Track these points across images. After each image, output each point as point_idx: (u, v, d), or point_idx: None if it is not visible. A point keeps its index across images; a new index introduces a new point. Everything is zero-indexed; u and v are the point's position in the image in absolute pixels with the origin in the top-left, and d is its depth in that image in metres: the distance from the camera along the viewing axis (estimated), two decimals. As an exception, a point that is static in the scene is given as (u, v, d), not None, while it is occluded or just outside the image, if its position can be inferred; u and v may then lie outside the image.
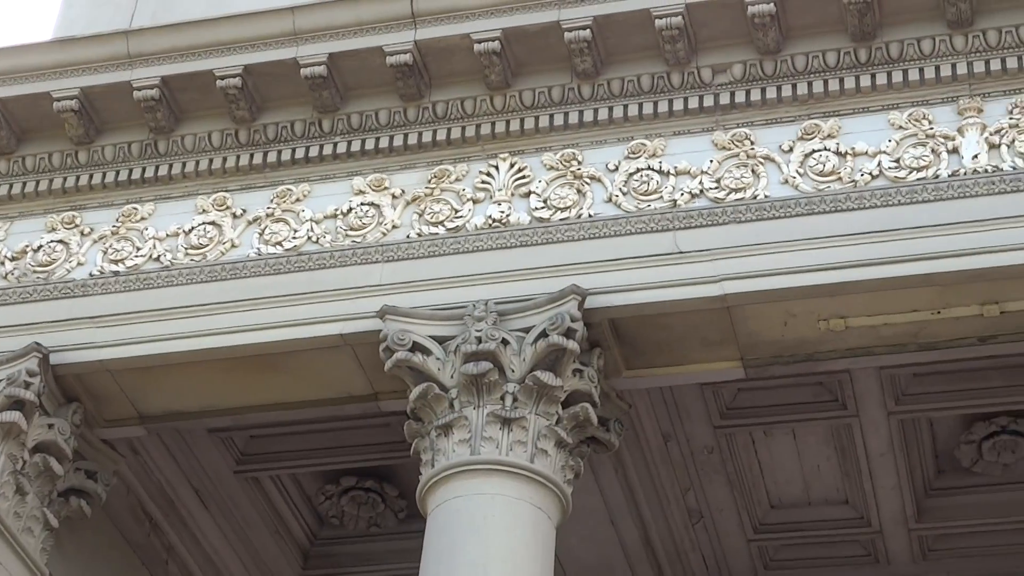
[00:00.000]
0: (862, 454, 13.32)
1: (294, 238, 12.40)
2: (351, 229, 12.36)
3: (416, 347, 11.50)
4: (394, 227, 12.30)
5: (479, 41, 12.31)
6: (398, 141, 12.59)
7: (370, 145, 12.63)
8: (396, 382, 11.74)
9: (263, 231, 12.51)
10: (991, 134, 11.68)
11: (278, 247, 12.39)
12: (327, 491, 14.08)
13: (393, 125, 12.62)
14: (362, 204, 12.46)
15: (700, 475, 13.61)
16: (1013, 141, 11.62)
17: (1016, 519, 13.71)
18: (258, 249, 12.41)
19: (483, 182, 12.30)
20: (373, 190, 12.52)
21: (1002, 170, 11.48)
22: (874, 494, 13.60)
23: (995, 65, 11.87)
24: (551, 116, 12.37)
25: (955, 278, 11.18)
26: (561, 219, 11.97)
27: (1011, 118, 11.71)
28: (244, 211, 12.65)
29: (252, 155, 12.80)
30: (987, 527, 13.84)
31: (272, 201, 12.63)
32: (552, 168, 12.24)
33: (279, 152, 12.76)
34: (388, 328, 11.60)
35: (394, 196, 12.45)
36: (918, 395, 12.96)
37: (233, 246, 12.49)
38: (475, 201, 12.25)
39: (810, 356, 11.82)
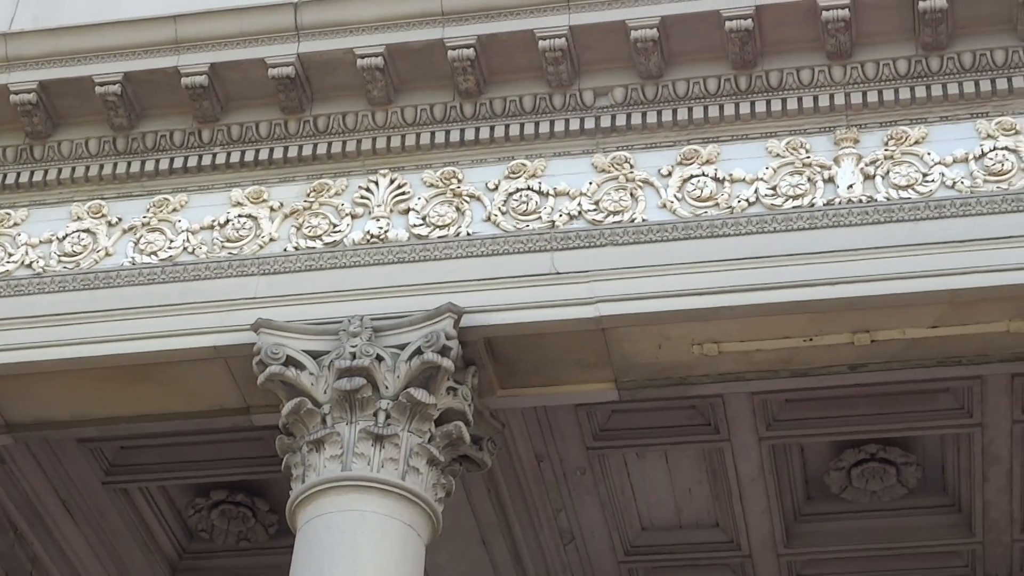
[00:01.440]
0: (733, 478, 13.42)
1: (170, 248, 12.30)
2: (228, 241, 12.28)
3: (290, 361, 11.44)
4: (271, 240, 12.23)
5: (362, 56, 12.28)
6: (278, 154, 12.53)
7: (250, 157, 12.56)
8: (269, 396, 11.67)
9: (138, 240, 12.39)
10: (866, 164, 11.83)
11: (153, 257, 12.27)
12: (197, 504, 13.96)
13: (274, 137, 12.56)
14: (240, 216, 12.39)
15: (572, 496, 13.64)
16: (888, 172, 11.77)
17: (882, 546, 13.87)
18: (133, 258, 12.29)
19: (362, 197, 12.27)
20: (251, 202, 12.45)
21: (876, 200, 11.63)
22: (744, 518, 13.70)
23: (872, 97, 12.02)
24: (432, 133, 12.37)
25: (827, 306, 11.30)
26: (439, 237, 11.97)
27: (886, 149, 11.87)
28: (120, 219, 12.53)
29: (130, 163, 12.68)
30: (854, 553, 13.99)
31: (149, 210, 12.52)
32: (432, 185, 12.24)
33: (157, 161, 12.64)
34: (262, 341, 11.53)
35: (272, 209, 12.39)
36: (789, 421, 13.08)
37: (107, 254, 12.36)
38: (354, 216, 12.22)
39: (683, 380, 11.90)
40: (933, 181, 11.68)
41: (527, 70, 12.29)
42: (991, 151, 11.74)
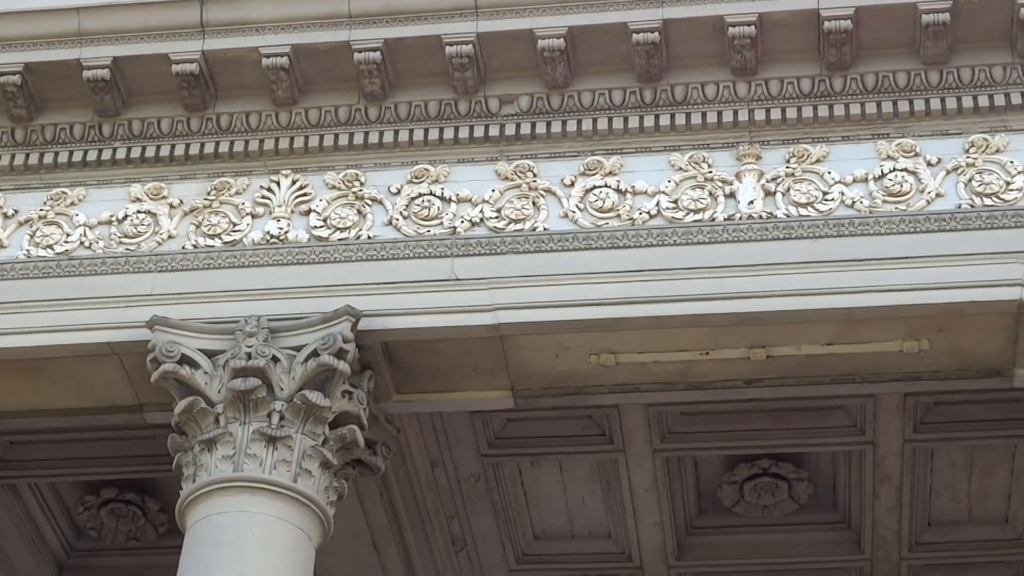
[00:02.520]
0: (627, 489, 13.45)
1: (66, 242, 12.16)
2: (126, 236, 12.16)
3: (184, 360, 11.34)
4: (170, 237, 12.14)
5: (268, 56, 12.22)
6: (179, 150, 12.43)
7: (150, 153, 12.45)
8: (163, 394, 11.57)
9: (34, 233, 12.25)
10: (768, 181, 11.91)
11: (49, 250, 12.13)
12: (86, 502, 13.81)
13: (175, 134, 12.46)
14: (139, 212, 12.28)
15: (466, 503, 13.63)
16: (788, 189, 11.85)
17: (772, 561, 13.95)
18: (27, 251, 12.15)
19: (263, 197, 12.20)
20: (151, 198, 12.34)
21: (776, 217, 11.71)
22: (636, 529, 13.73)
23: (775, 114, 12.11)
24: (336, 135, 12.31)
25: (724, 320, 11.37)
26: (340, 239, 11.91)
27: (788, 167, 11.95)
28: (16, 211, 12.37)
29: (28, 155, 12.53)
30: (745, 567, 14.06)
31: (46, 203, 12.37)
32: (334, 187, 12.19)
33: (56, 154, 12.50)
34: (157, 339, 11.43)
35: (172, 206, 12.28)
36: (684, 434, 13.13)
37: (2, 247, 12.21)
38: (254, 216, 12.14)
39: (580, 390, 11.92)
40: (833, 200, 11.78)
41: (433, 75, 12.28)
42: (891, 172, 11.86)
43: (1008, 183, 11.72)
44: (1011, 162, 11.81)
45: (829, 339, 11.51)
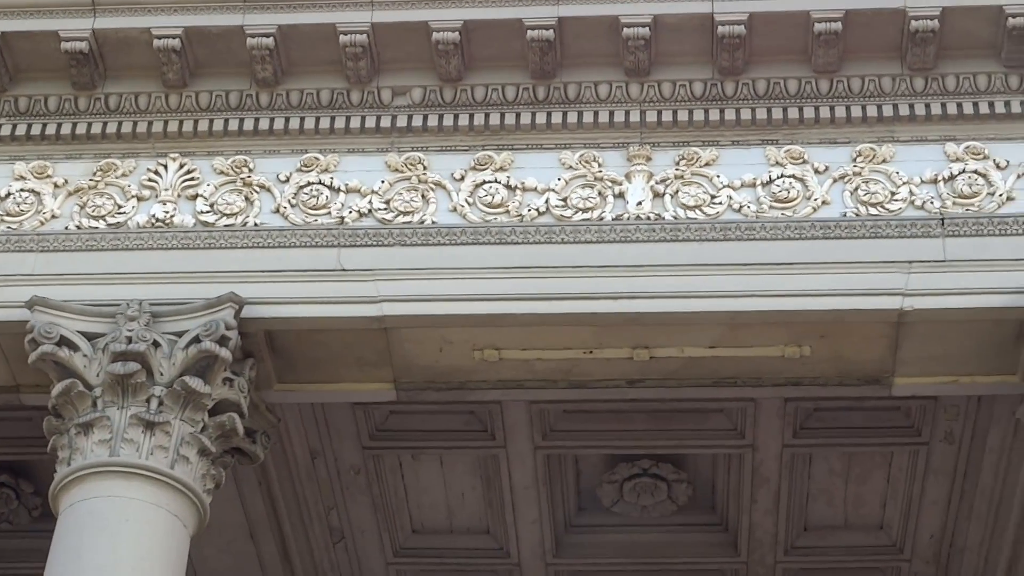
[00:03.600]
0: (507, 486, 13.45)
1: (-55, 219, 12.00)
2: (7, 215, 11.99)
3: (63, 341, 11.20)
4: (53, 217, 11.98)
5: (159, 37, 12.09)
6: (66, 129, 12.27)
7: (36, 130, 12.27)
8: (40, 375, 11.42)
9: (-87, 209, 12.07)
10: (657, 183, 11.95)
11: (-72, 226, 11.97)
12: (-41, 483, 13.64)
13: (62, 112, 12.30)
14: (22, 190, 12.11)
15: (345, 495, 13.57)
16: (677, 192, 11.90)
17: (650, 561, 14.01)
18: (-96, 227, 11.98)
19: (150, 180, 12.08)
20: (35, 177, 12.17)
21: (664, 219, 11.76)
22: (515, 526, 13.74)
23: (667, 116, 12.16)
24: (226, 120, 12.21)
25: (609, 320, 11.39)
26: (226, 225, 11.82)
27: (677, 169, 12.00)
28: None
29: (-88, 130, 12.34)
30: (622, 566, 14.11)
31: (-73, 179, 12.21)
32: (222, 173, 12.09)
33: (-60, 129, 12.33)
34: (36, 320, 11.28)
35: (56, 185, 12.13)
36: (566, 432, 13.15)
37: None
38: (140, 199, 12.02)
39: (463, 384, 11.91)
40: (720, 204, 11.84)
41: (327, 63, 12.20)
42: (778, 178, 11.94)
43: (893, 193, 11.84)
44: (897, 172, 11.93)
45: (712, 342, 11.57)
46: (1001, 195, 11.81)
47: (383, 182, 12.00)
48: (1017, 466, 12.80)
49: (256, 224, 11.81)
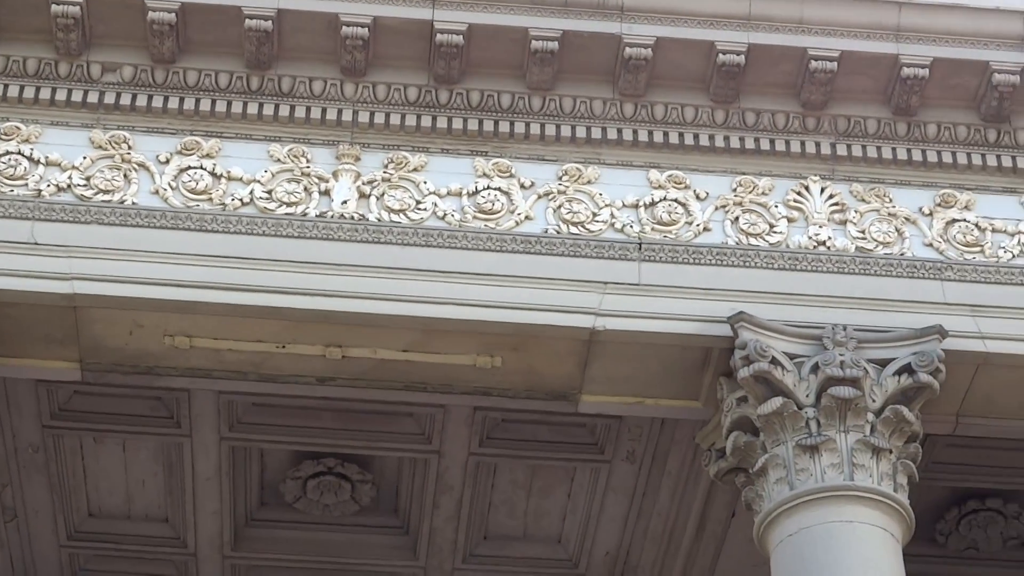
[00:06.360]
0: (189, 475, 13.29)
1: None
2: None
3: None
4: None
5: None
6: None
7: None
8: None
9: None
10: (364, 183, 11.97)
11: None
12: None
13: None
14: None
15: (21, 473, 13.23)
16: (383, 194, 11.94)
17: (328, 559, 13.98)
18: None
19: None
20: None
21: (367, 220, 11.78)
22: (195, 516, 13.57)
23: (379, 118, 12.20)
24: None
25: (302, 316, 11.37)
26: (-84, 191, 11.47)
27: (385, 172, 12.04)
28: None
29: None
30: (300, 563, 14.05)
31: None
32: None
33: None
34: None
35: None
36: (253, 425, 13.04)
37: None
38: None
39: (151, 370, 11.77)
40: (425, 210, 11.91)
41: (37, 32, 12.03)
42: (484, 190, 12.06)
43: (595, 214, 12.05)
44: (600, 194, 12.15)
45: (406, 346, 11.63)
46: (698, 225, 12.11)
47: (85, 158, 11.78)
48: (693, 489, 13.13)
49: (-49, 193, 11.50)
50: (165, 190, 11.72)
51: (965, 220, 12.30)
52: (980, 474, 13.27)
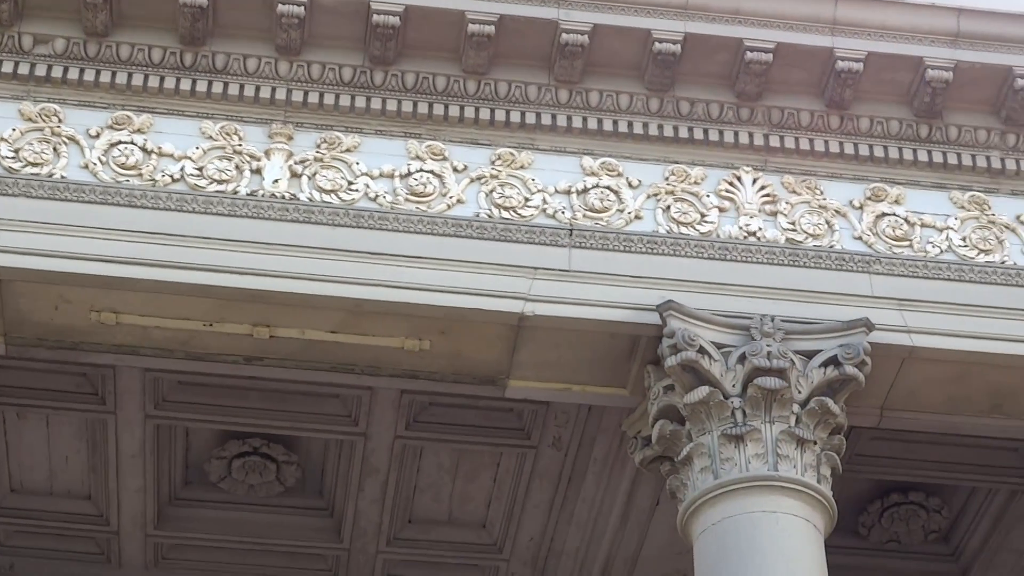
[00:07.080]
0: (113, 452, 13.19)
1: None
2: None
3: None
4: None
5: None
6: None
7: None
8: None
9: None
10: (296, 163, 11.91)
11: None
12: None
13: None
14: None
15: (-58, 446, 13.15)
16: (315, 174, 11.89)
17: (252, 540, 13.91)
18: None
19: None
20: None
21: (298, 199, 11.73)
22: (118, 494, 13.48)
23: (313, 98, 12.15)
24: None
25: (230, 295, 11.31)
26: None
27: (318, 152, 11.99)
28: None
29: None
30: (223, 543, 13.97)
31: None
32: None
33: None
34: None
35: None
36: (179, 403, 12.95)
37: None
38: None
39: (77, 345, 11.69)
40: (357, 191, 11.87)
41: (-34, 3, 11.85)
42: (417, 172, 12.04)
43: (527, 199, 12.04)
44: (533, 179, 12.14)
45: (334, 327, 11.59)
46: (630, 212, 12.12)
47: (14, 130, 11.68)
48: (619, 476, 13.15)
49: None
50: (95, 164, 11.63)
51: (895, 214, 12.38)
52: (903, 467, 13.35)
